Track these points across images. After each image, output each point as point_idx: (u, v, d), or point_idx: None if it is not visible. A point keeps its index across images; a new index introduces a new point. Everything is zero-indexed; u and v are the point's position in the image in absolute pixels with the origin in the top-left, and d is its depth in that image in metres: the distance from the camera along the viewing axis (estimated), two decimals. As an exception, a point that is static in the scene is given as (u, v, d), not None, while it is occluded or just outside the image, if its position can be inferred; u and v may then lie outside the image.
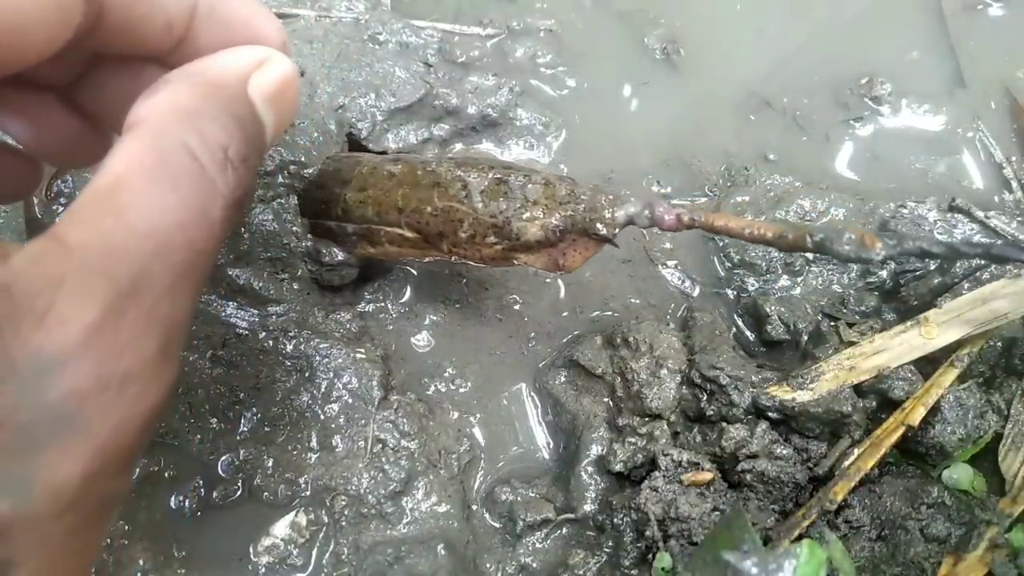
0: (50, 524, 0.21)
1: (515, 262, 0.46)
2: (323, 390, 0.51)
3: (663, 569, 0.46)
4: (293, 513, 0.49)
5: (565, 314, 0.57)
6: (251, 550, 0.48)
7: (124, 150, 0.25)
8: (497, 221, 0.44)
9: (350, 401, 0.51)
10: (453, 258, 0.47)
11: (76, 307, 0.21)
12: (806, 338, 0.53)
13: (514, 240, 0.44)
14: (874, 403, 0.50)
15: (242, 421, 0.50)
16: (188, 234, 0.24)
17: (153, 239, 0.23)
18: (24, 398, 0.20)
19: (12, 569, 0.20)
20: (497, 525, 0.52)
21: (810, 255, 0.58)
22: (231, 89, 0.29)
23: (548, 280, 0.58)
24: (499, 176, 0.45)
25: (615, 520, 0.49)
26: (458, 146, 0.60)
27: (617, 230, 0.44)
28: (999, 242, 0.46)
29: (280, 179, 0.49)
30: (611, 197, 0.44)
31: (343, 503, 0.49)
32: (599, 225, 0.43)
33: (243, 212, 0.31)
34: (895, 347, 0.49)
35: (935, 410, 0.49)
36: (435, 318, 0.56)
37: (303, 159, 0.50)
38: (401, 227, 0.47)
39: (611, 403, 0.53)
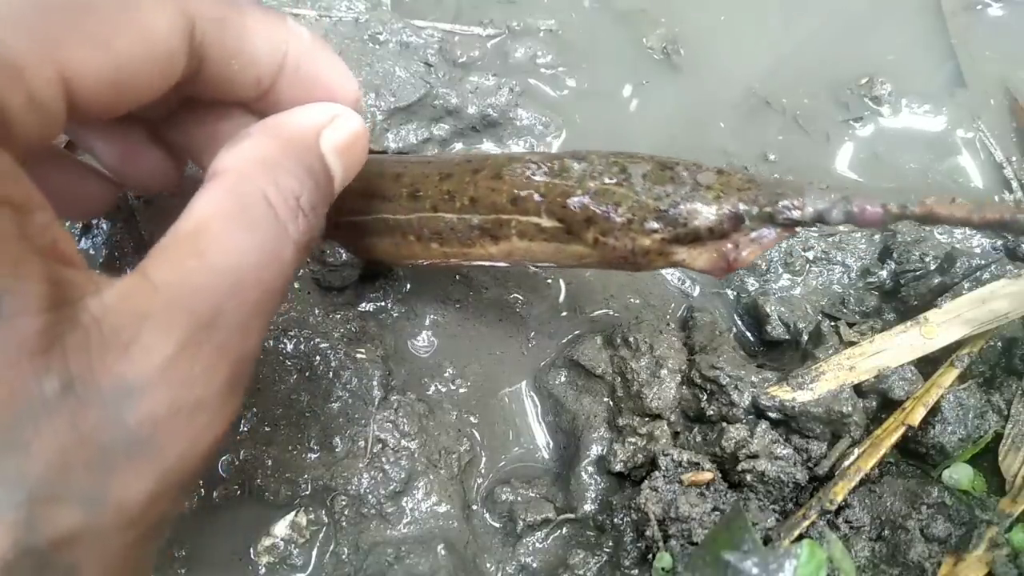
0: (114, 537, 0.23)
1: (673, 258, 0.40)
2: (323, 390, 0.51)
3: (663, 569, 0.45)
4: (293, 513, 0.49)
5: (565, 314, 0.57)
6: (251, 550, 0.48)
7: (207, 196, 0.27)
8: (662, 204, 0.38)
9: (350, 401, 0.51)
10: (595, 256, 0.41)
11: (157, 340, 0.23)
12: (806, 338, 0.53)
13: (679, 227, 0.38)
14: (874, 403, 0.50)
15: (242, 421, 0.50)
16: (261, 275, 0.27)
17: (230, 278, 0.25)
18: (106, 420, 0.22)
19: (75, 575, 0.22)
20: (497, 525, 0.52)
21: (810, 254, 0.58)
22: (305, 143, 0.32)
23: (549, 280, 0.58)
24: (663, 162, 0.40)
25: (615, 520, 0.49)
26: (458, 146, 0.60)
27: (806, 220, 0.38)
28: None
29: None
30: (797, 187, 0.39)
31: (343, 503, 0.49)
32: (785, 205, 0.37)
33: (309, 254, 0.33)
34: (895, 347, 0.49)
35: (935, 410, 0.49)
36: (435, 318, 0.56)
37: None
38: (540, 215, 0.41)
39: (611, 403, 0.53)
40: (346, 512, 0.49)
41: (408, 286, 0.56)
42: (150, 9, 0.27)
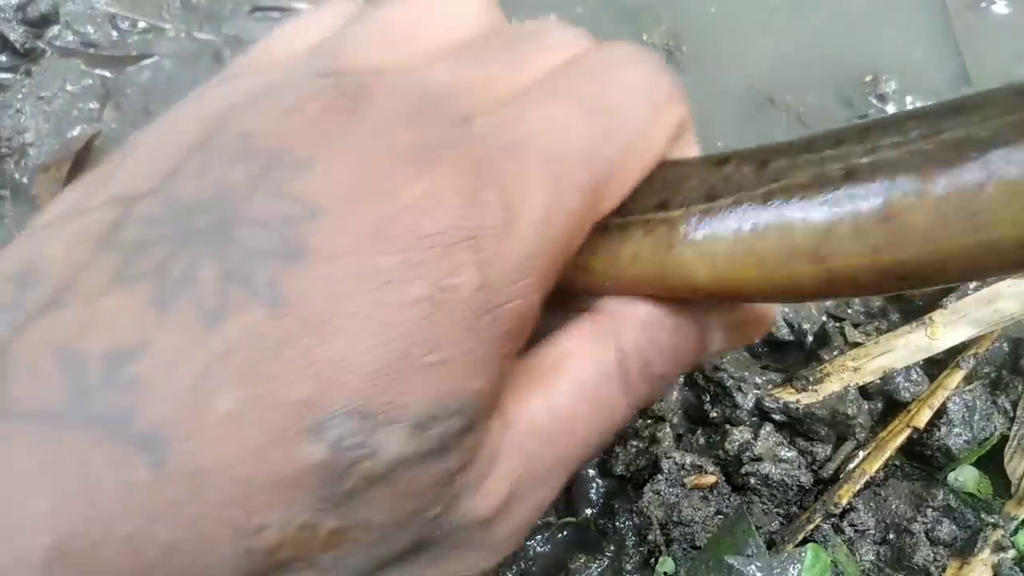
0: None
1: None
2: (322, 391, 0.50)
3: (666, 573, 0.45)
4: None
5: (566, 314, 0.57)
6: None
7: (574, 336, 0.25)
8: None
9: (349, 403, 0.50)
10: None
11: (500, 485, 0.23)
12: (811, 339, 0.53)
13: None
14: (880, 405, 0.50)
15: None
16: (590, 428, 0.25)
17: (566, 431, 0.24)
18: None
19: None
20: (498, 528, 0.51)
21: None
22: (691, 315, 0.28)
23: (549, 280, 0.57)
24: None
25: (617, 524, 0.49)
26: (458, 144, 0.60)
27: None
28: None
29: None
30: None
31: (342, 506, 0.48)
32: None
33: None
34: (900, 348, 0.49)
35: (941, 412, 0.48)
36: (435, 318, 0.55)
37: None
38: None
39: (613, 404, 0.53)
40: (345, 515, 0.48)
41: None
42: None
